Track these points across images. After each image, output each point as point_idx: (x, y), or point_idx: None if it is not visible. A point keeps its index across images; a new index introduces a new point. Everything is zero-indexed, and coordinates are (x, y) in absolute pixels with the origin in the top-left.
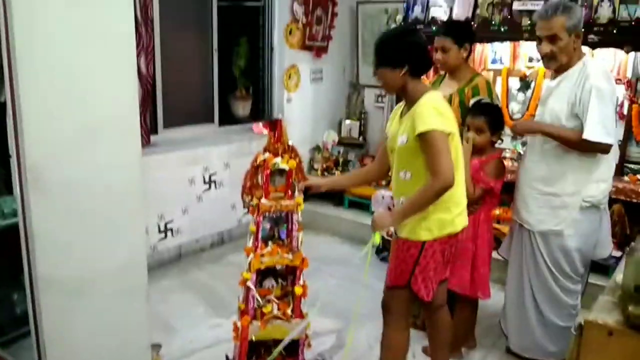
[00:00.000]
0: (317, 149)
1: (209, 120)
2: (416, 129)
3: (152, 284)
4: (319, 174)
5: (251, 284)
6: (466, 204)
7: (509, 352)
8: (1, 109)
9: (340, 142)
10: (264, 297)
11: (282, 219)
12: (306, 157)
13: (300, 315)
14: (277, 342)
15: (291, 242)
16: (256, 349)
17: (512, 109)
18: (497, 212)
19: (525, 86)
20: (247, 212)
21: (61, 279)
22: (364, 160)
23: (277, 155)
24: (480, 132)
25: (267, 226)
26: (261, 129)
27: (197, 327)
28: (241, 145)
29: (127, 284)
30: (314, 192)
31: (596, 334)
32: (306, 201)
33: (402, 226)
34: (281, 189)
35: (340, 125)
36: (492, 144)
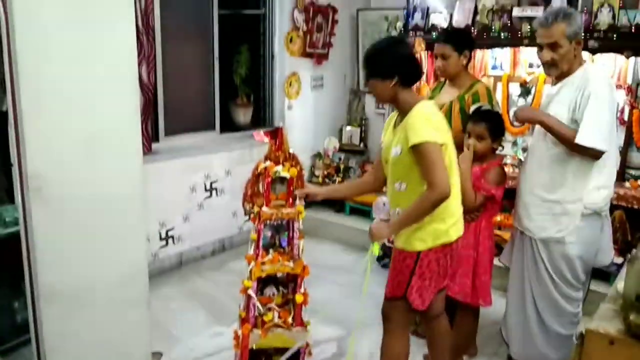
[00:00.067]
0: (318, 156)
1: (210, 127)
2: (409, 141)
3: (152, 291)
4: (320, 180)
5: (252, 292)
6: (462, 212)
7: None
8: (3, 118)
9: (341, 149)
10: (265, 305)
11: (283, 227)
12: (307, 164)
13: (301, 323)
14: (278, 351)
15: (292, 249)
16: (257, 357)
17: (513, 115)
18: (498, 218)
19: (525, 92)
20: (248, 219)
21: (62, 287)
22: (364, 166)
23: (278, 163)
24: (481, 138)
25: (268, 234)
26: (262, 137)
27: (198, 335)
28: (242, 152)
29: (128, 293)
30: (310, 200)
31: (597, 343)
32: (305, 208)
33: (397, 236)
34: (282, 196)
35: (341, 131)
36: (493, 150)
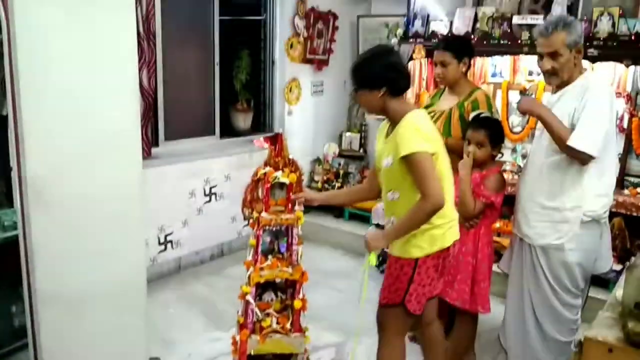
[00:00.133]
0: (317, 161)
1: (210, 132)
2: (399, 152)
3: (151, 296)
4: (320, 186)
5: (250, 298)
6: (457, 216)
7: None
8: (3, 122)
9: (340, 155)
10: (263, 310)
11: (282, 233)
12: (307, 169)
13: (299, 329)
14: (276, 357)
15: (291, 255)
16: None
17: (512, 122)
18: (497, 225)
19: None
20: (248, 224)
21: (60, 292)
22: (364, 172)
23: (277, 169)
24: (480, 146)
25: (267, 239)
26: (262, 143)
27: (196, 341)
28: (242, 157)
29: (126, 298)
30: (307, 205)
31: (596, 350)
32: (304, 214)
33: (393, 244)
34: (281, 202)
35: (340, 137)
36: (492, 157)
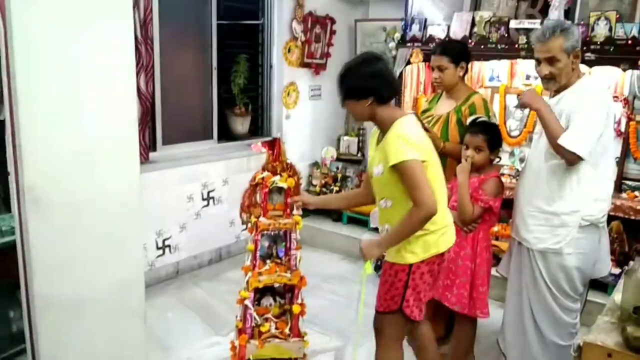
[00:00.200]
0: (315, 165)
1: (208, 137)
2: (389, 162)
3: (149, 300)
4: (318, 190)
5: (249, 303)
6: (451, 221)
7: None
8: (0, 128)
9: (338, 158)
10: (262, 315)
11: (281, 237)
12: (305, 173)
13: (298, 334)
14: None
15: (289, 260)
16: None
17: (510, 126)
18: (495, 228)
19: (521, 107)
20: (246, 229)
21: (58, 297)
22: (362, 176)
23: (275, 173)
24: (479, 150)
25: (266, 244)
26: (260, 148)
27: (194, 345)
28: (240, 161)
29: (124, 302)
30: (303, 208)
31: (595, 355)
32: (302, 217)
33: (387, 251)
34: (279, 207)
35: (338, 141)
36: (490, 161)
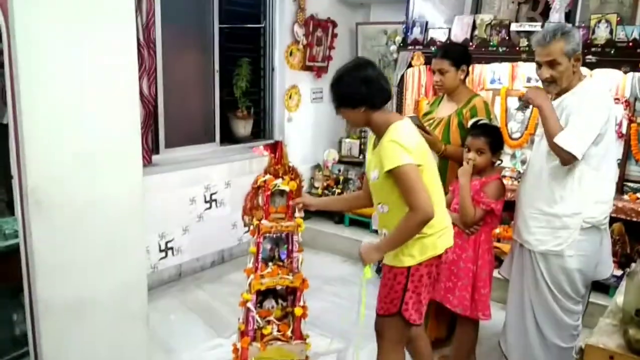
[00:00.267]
0: (317, 168)
1: (210, 139)
2: (384, 167)
3: (151, 303)
4: (320, 192)
5: (251, 305)
6: (449, 223)
7: None
8: (3, 131)
9: (340, 161)
10: (264, 318)
11: (283, 240)
12: (307, 176)
13: (300, 336)
14: None
15: (291, 263)
16: None
17: (511, 128)
18: (497, 230)
19: (524, 106)
20: (248, 231)
21: (61, 300)
22: (364, 178)
23: (277, 176)
24: (480, 152)
25: (268, 247)
26: (262, 152)
27: (197, 348)
28: (242, 164)
29: (127, 305)
30: (304, 210)
31: (597, 357)
32: (304, 219)
33: (386, 254)
34: (281, 209)
35: (340, 144)
36: (492, 164)
